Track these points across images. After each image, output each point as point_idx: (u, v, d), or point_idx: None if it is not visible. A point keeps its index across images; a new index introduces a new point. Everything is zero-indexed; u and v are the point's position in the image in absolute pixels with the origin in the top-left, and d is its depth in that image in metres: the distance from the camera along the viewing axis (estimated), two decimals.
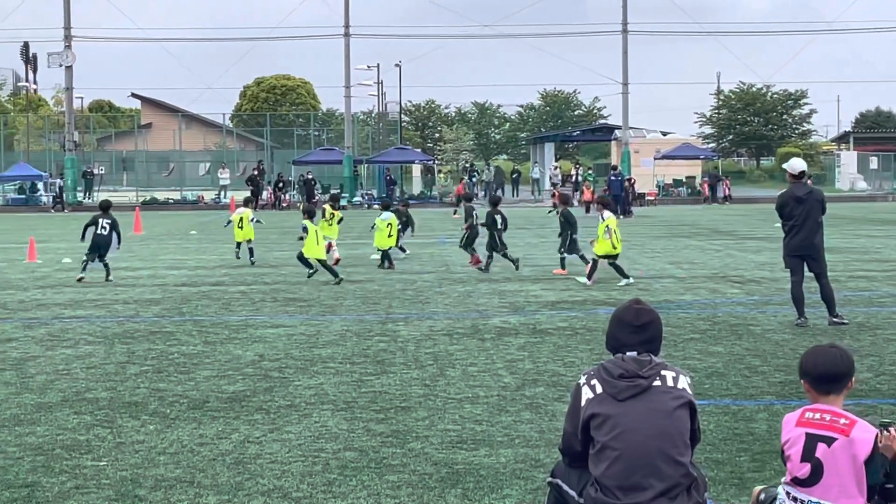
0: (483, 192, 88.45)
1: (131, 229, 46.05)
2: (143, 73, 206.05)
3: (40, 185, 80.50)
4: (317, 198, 75.58)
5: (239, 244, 31.70)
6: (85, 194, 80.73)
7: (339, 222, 31.42)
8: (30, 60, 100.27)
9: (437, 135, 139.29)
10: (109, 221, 26.49)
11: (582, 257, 26.67)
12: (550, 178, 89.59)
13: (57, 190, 75.98)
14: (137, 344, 16.75)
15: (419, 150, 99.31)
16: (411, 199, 72.71)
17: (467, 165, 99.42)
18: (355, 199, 76.79)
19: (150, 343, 16.82)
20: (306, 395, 12.78)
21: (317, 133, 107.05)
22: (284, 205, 75.07)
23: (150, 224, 47.56)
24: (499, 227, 27.57)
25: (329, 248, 29.20)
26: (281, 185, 76.47)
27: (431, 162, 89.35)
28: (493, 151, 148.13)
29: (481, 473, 9.47)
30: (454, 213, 58.39)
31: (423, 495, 8.89)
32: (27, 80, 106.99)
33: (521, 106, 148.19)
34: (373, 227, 30.48)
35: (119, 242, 26.92)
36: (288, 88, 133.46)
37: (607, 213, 25.28)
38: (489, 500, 8.76)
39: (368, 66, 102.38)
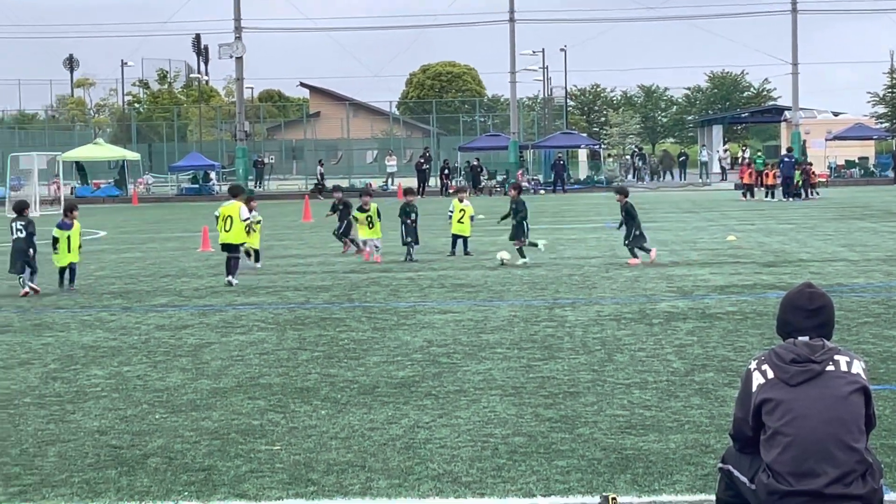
0: (651, 178, 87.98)
1: (301, 217, 46.80)
2: (311, 62, 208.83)
3: (213, 175, 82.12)
4: (483, 183, 75.80)
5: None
6: (256, 183, 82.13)
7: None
8: (201, 52, 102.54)
9: (602, 119, 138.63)
10: (23, 224, 22.96)
11: (642, 248, 26.04)
12: (720, 160, 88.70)
13: (318, 177, 77.05)
14: (308, 330, 17.00)
15: (585, 135, 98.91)
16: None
17: (636, 149, 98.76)
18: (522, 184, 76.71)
19: (321, 329, 17.06)
20: (475, 381, 12.84)
21: (482, 119, 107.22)
22: (451, 191, 75.35)
23: (319, 212, 48.07)
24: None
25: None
26: (447, 171, 76.76)
27: (597, 146, 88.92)
28: (660, 135, 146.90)
29: (651, 459, 9.41)
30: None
31: (592, 481, 8.87)
32: (199, 72, 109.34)
33: (688, 88, 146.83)
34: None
35: (32, 246, 22.65)
36: (453, 75, 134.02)
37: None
38: (659, 486, 8.71)
39: (533, 52, 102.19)
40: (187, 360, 14.74)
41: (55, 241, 23.10)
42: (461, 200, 28.96)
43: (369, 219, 28.05)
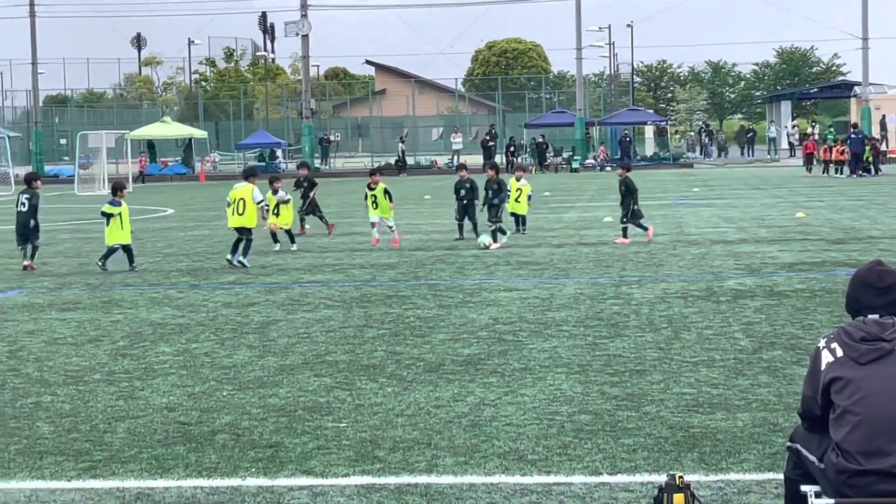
0: (718, 154, 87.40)
1: None
2: (377, 39, 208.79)
3: (279, 152, 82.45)
4: (548, 160, 75.59)
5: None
6: (322, 161, 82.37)
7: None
8: (267, 30, 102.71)
9: (669, 95, 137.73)
10: (28, 196, 23.22)
11: (639, 225, 26.15)
12: (788, 136, 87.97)
13: (399, 153, 77.47)
14: (374, 308, 17.04)
15: (651, 111, 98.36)
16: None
17: (703, 125, 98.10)
18: (588, 161, 76.51)
19: (387, 307, 17.10)
20: (540, 358, 12.82)
21: (548, 96, 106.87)
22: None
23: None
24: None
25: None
26: (513, 148, 76.65)
27: (664, 123, 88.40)
28: (728, 111, 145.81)
29: (718, 437, 9.36)
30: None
31: (658, 459, 8.83)
32: (265, 50, 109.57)
33: (757, 64, 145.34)
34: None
35: (34, 218, 23.12)
36: (519, 52, 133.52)
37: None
38: (726, 465, 8.66)
39: (600, 28, 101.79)
40: (254, 337, 14.83)
41: (108, 216, 23.06)
42: (518, 179, 29.09)
43: (374, 199, 27.11)
